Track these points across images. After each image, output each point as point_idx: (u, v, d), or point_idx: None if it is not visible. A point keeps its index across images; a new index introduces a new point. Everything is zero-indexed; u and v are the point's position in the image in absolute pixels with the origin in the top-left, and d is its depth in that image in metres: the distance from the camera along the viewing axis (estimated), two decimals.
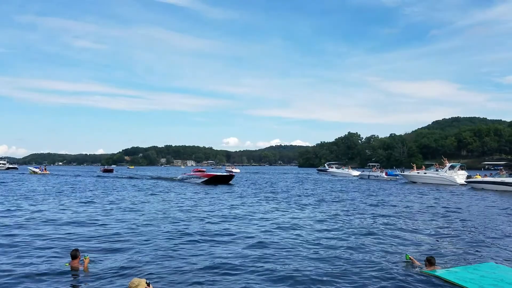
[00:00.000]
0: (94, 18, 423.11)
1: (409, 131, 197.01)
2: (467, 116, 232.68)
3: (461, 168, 45.15)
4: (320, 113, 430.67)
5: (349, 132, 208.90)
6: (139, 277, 6.22)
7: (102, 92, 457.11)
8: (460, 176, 42.82)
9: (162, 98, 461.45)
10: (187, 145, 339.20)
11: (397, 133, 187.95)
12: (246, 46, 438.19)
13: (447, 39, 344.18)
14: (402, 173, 53.20)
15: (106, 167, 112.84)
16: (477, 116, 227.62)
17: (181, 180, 47.24)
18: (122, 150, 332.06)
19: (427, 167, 49.40)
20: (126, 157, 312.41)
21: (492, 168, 67.68)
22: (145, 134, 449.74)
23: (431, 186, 40.90)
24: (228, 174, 44.39)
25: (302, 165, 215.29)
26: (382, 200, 25.14)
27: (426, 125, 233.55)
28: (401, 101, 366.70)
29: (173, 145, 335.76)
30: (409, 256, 9.13)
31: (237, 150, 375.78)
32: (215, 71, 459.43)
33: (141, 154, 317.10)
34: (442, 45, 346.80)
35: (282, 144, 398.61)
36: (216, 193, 29.09)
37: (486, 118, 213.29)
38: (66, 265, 8.57)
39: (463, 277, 7.68)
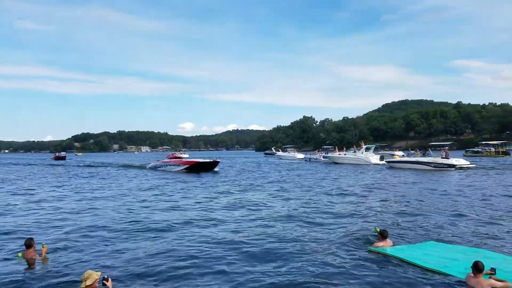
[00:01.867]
0: None
1: (361, 114, 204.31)
2: (415, 99, 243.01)
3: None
4: (276, 97, 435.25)
5: (304, 116, 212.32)
6: (95, 270, 6.12)
7: (51, 76, 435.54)
8: (374, 157, 47.12)
9: (115, 82, 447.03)
10: (141, 130, 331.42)
11: (350, 116, 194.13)
12: (203, 29, 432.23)
13: (398, 24, 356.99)
14: (327, 154, 58.24)
15: (57, 154, 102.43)
16: (424, 99, 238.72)
17: (154, 168, 42.38)
18: (72, 136, 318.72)
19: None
20: (76, 144, 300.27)
21: (438, 149, 75.01)
22: (96, 119, 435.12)
23: (350, 165, 44.90)
24: (212, 160, 39.03)
25: (259, 149, 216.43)
26: (317, 181, 26.47)
27: (376, 108, 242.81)
28: (353, 85, 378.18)
29: (126, 131, 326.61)
30: (377, 229, 9.24)
31: (194, 135, 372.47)
32: (171, 54, 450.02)
33: (92, 140, 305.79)
34: (393, 30, 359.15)
35: (239, 129, 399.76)
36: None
37: (433, 100, 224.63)
38: (19, 256, 8.11)
39: (410, 254, 8.11)
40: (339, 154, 52.49)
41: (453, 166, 35.42)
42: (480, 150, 74.33)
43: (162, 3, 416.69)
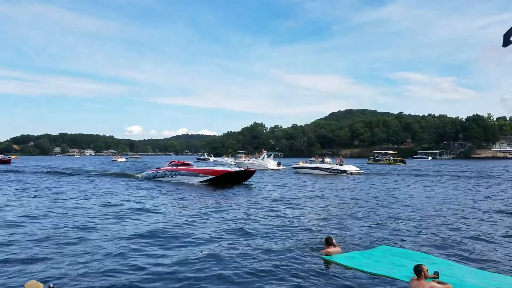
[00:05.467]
0: None
1: (309, 122, 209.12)
2: (360, 109, 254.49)
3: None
4: (227, 102, 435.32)
5: (254, 122, 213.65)
6: (38, 280, 5.63)
7: None
8: (272, 163, 53.88)
9: (56, 82, 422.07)
10: (84, 133, 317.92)
11: (299, 124, 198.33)
12: (147, 31, 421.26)
13: (344, 35, 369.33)
14: (235, 160, 66.95)
15: (1, 157, 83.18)
16: (368, 108, 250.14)
17: (154, 178, 32.29)
18: (10, 138, 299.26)
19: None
20: (15, 146, 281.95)
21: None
22: (37, 121, 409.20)
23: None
24: (245, 169, 30.21)
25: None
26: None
27: (323, 116, 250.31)
28: (302, 93, 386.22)
29: (68, 133, 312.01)
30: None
31: (142, 139, 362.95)
32: (116, 55, 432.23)
33: (32, 143, 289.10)
34: (339, 41, 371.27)
35: (189, 133, 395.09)
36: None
37: (376, 110, 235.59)
38: None
39: (360, 262, 8.25)
40: (244, 160, 59.48)
41: (345, 171, 40.51)
42: (380, 158, 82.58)
43: (105, 1, 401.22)
